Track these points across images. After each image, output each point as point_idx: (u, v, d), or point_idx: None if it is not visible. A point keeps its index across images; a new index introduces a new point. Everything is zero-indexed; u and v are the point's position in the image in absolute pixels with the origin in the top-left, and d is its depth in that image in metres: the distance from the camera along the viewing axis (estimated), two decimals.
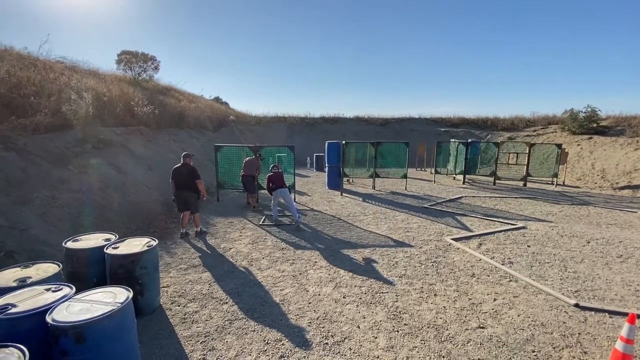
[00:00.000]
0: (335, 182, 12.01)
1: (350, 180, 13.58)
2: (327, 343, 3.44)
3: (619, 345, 3.04)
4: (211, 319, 3.87)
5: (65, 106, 8.32)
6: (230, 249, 6.09)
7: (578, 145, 16.92)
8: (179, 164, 6.55)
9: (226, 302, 4.22)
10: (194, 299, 4.31)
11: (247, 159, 9.10)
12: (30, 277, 3.14)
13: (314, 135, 22.41)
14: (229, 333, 3.60)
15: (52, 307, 2.60)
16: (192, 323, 3.79)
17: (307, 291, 4.54)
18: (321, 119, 25.80)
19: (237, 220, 7.94)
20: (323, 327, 3.71)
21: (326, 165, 12.62)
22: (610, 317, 4.00)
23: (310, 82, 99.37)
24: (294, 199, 10.06)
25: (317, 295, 4.44)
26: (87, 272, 3.84)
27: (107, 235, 4.32)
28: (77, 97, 8.79)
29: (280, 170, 7.96)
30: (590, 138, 17.07)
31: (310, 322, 3.81)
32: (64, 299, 2.72)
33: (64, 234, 4.90)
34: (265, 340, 3.48)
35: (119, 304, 2.65)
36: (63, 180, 6.68)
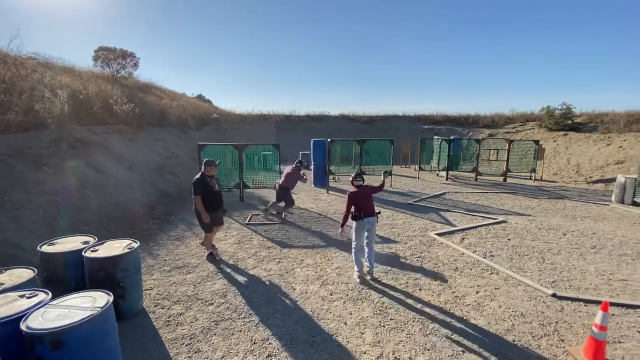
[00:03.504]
0: (321, 180, 12.01)
1: (336, 178, 13.62)
2: (314, 340, 3.45)
3: (592, 332, 3.17)
4: (196, 320, 3.81)
5: (38, 104, 7.97)
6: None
7: (554, 141, 17.55)
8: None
9: (212, 303, 4.16)
10: (178, 300, 4.23)
11: (288, 169, 7.95)
12: (3, 284, 3.00)
13: (300, 133, 22.32)
14: (215, 334, 3.56)
15: (27, 314, 2.49)
16: (176, 325, 3.72)
17: (294, 289, 4.54)
18: (306, 117, 25.72)
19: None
20: (310, 325, 3.71)
21: (312, 163, 12.60)
22: (585, 305, 4.18)
23: (295, 80, 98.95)
24: None
25: (304, 293, 4.44)
26: (64, 277, 3.71)
27: (86, 238, 4.18)
28: (51, 95, 8.43)
29: (366, 185, 4.93)
30: (566, 134, 17.74)
31: (297, 320, 3.80)
32: (39, 305, 2.61)
33: (39, 238, 4.71)
34: (252, 340, 3.45)
35: (99, 309, 2.57)
36: (37, 181, 6.41)
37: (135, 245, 3.99)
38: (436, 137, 16.65)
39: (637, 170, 9.74)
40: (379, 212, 4.96)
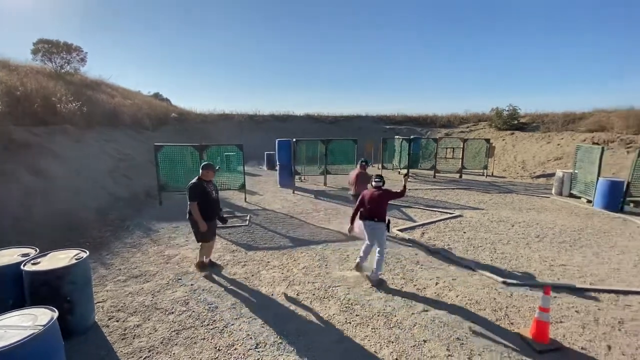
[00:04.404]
0: (287, 180, 11.94)
1: (303, 178, 13.61)
2: (281, 342, 3.42)
3: (537, 314, 3.47)
4: (155, 331, 3.60)
5: None
6: (175, 255, 5.73)
7: (503, 140, 18.96)
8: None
9: (172, 312, 3.96)
10: (135, 312, 3.98)
11: (356, 172, 6.59)
12: None
13: (264, 133, 22.02)
14: (176, 344, 3.39)
15: None
16: (133, 338, 3.50)
17: (260, 292, 4.46)
18: (271, 117, 25.47)
19: (182, 224, 7.45)
20: (277, 327, 3.67)
21: (277, 163, 12.49)
22: (531, 290, 4.55)
23: (259, 80, 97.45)
24: (245, 198, 9.81)
25: (271, 295, 4.39)
26: None
27: (25, 250, 3.79)
28: None
29: (383, 188, 4.77)
30: (512, 133, 19.25)
31: (263, 324, 3.74)
32: None
33: None
34: (216, 347, 3.34)
35: (41, 327, 2.34)
36: None
37: (84, 255, 3.69)
38: (397, 136, 17.27)
39: (572, 165, 10.81)
40: (388, 221, 4.73)
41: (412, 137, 15.62)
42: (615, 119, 15.48)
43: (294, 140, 11.79)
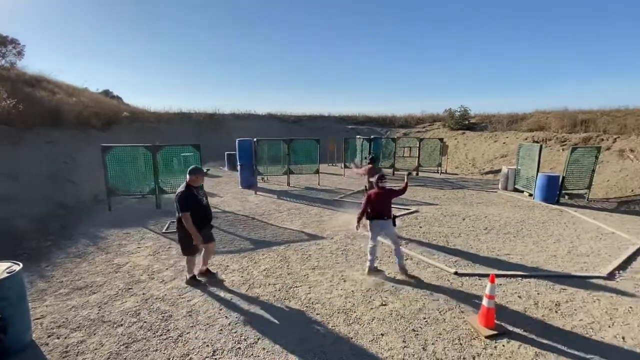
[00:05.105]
0: (248, 181, 11.71)
1: (265, 178, 13.43)
2: (239, 347, 3.35)
3: (484, 302, 3.72)
4: (102, 346, 3.36)
5: None
6: (126, 263, 5.38)
7: (455, 139, 20.15)
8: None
9: (121, 325, 3.72)
10: (78, 327, 3.68)
11: (369, 167, 6.84)
12: None
13: (225, 132, 21.40)
14: (125, 358, 3.19)
15: None
16: (76, 355, 3.23)
17: (219, 297, 4.33)
18: (231, 116, 24.82)
19: (134, 230, 7.03)
20: (235, 332, 3.59)
21: (238, 163, 12.21)
22: (479, 279, 4.88)
23: (219, 78, 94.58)
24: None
25: (229, 300, 4.28)
26: None
27: None
28: None
29: (387, 187, 5.04)
30: (464, 133, 20.53)
31: (221, 329, 3.64)
32: None
33: None
34: (169, 359, 3.19)
35: None
36: None
37: (17, 267, 3.34)
38: (358, 136, 17.67)
39: (516, 162, 11.77)
40: (394, 217, 5.00)
41: (372, 136, 16.07)
42: (552, 119, 17.11)
43: (255, 140, 11.59)
